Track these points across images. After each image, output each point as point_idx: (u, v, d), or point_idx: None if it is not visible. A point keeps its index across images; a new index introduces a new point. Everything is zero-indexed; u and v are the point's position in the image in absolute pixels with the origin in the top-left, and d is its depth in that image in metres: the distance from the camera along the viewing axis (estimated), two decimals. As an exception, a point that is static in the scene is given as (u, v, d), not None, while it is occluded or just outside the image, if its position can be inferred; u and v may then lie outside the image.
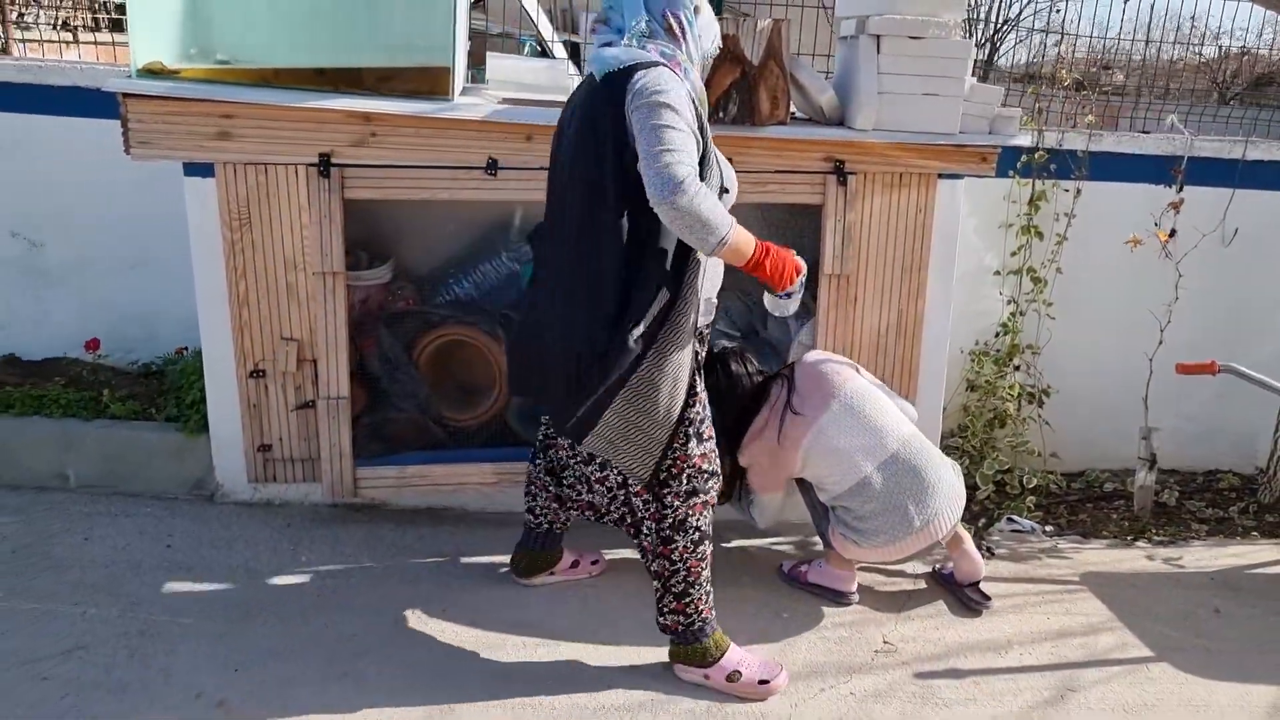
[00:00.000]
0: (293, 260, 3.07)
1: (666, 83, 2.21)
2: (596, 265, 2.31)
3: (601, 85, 2.28)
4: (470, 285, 3.58)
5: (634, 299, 2.30)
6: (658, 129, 2.15)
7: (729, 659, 2.56)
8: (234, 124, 2.93)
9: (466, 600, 2.87)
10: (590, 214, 2.31)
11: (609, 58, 2.28)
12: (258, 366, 3.14)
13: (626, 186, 2.24)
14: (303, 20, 3.09)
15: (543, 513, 2.90)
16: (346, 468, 3.18)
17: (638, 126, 2.18)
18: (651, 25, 2.31)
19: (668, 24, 2.33)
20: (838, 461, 2.86)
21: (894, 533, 2.84)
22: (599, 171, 2.27)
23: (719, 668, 2.55)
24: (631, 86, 2.21)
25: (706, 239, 2.17)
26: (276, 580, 2.90)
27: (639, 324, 2.29)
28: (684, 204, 2.10)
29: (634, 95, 2.19)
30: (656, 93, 2.18)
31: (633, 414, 2.35)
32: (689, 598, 2.54)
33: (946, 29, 3.12)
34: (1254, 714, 2.62)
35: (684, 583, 2.54)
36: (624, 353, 2.29)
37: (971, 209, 4.04)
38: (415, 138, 3.01)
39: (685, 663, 2.58)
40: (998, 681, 2.67)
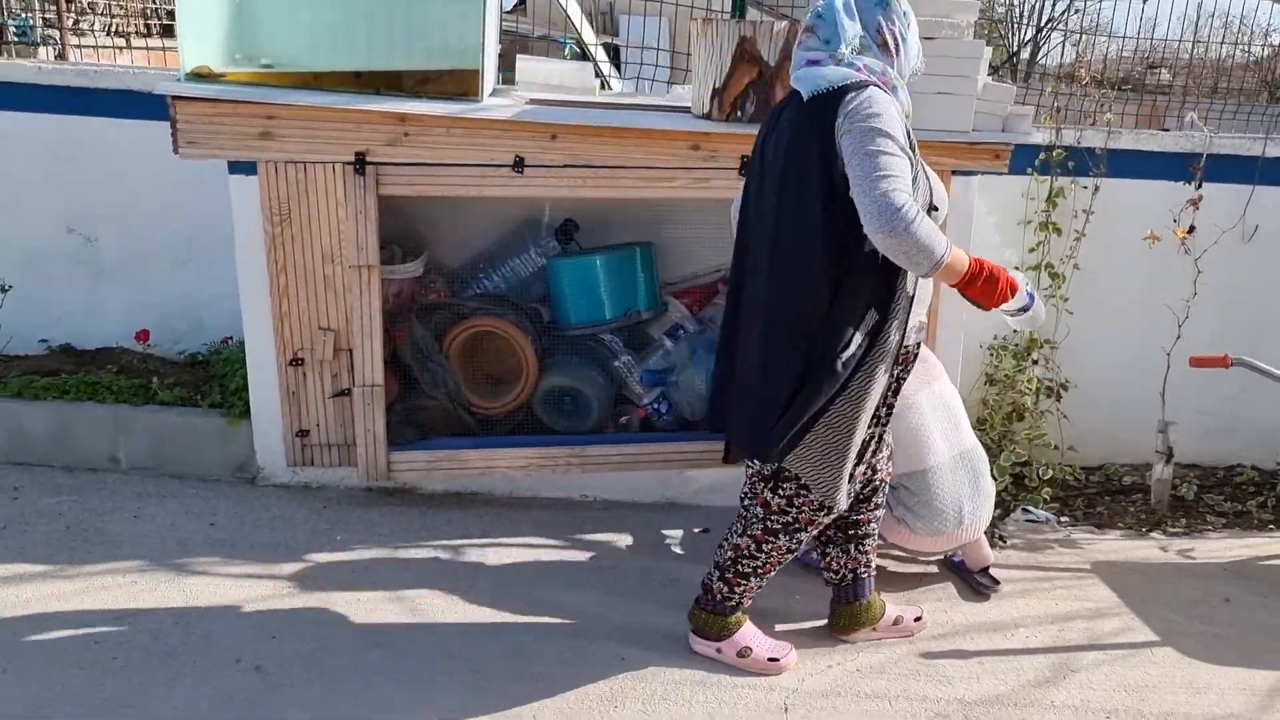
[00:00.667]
0: (330, 254, 3.23)
1: (880, 104, 2.16)
2: (805, 288, 2.28)
3: (810, 105, 2.23)
4: (500, 279, 3.73)
5: (842, 323, 2.27)
6: (872, 154, 2.10)
7: (742, 634, 2.67)
8: (276, 124, 3.09)
9: (490, 577, 3.01)
10: (799, 237, 2.27)
11: (817, 76, 2.23)
12: (297, 355, 3.30)
13: (836, 210, 2.20)
14: (341, 25, 3.24)
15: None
16: (380, 452, 3.33)
17: (850, 151, 2.13)
18: (864, 39, 2.27)
19: (881, 39, 2.28)
20: (914, 441, 2.94)
21: (944, 525, 2.95)
22: (808, 195, 2.23)
23: (731, 642, 2.66)
24: (843, 108, 2.16)
25: (922, 264, 2.13)
26: (313, 557, 3.06)
27: (847, 348, 2.26)
28: (901, 232, 2.06)
29: (846, 118, 2.15)
30: (871, 116, 2.13)
31: (831, 434, 2.34)
32: (746, 583, 2.62)
33: (959, 30, 3.20)
34: (1255, 696, 2.68)
35: (752, 570, 2.60)
36: (831, 377, 2.26)
37: (991, 206, 4.12)
38: (446, 137, 3.15)
39: (702, 633, 2.67)
40: (1001, 660, 2.76)
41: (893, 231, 2.07)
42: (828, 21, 2.27)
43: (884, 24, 2.28)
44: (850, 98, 2.17)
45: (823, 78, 2.22)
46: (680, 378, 3.52)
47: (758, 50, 3.12)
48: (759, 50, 3.12)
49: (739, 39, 3.10)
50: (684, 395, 3.52)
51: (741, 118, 3.17)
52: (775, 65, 3.13)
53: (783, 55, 3.14)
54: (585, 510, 3.52)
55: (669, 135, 3.19)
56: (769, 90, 3.15)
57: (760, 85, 3.14)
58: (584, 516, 3.46)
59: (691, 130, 3.19)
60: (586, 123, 3.15)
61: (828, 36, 2.27)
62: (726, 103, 3.15)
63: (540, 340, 3.51)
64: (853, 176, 2.13)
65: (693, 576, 3.07)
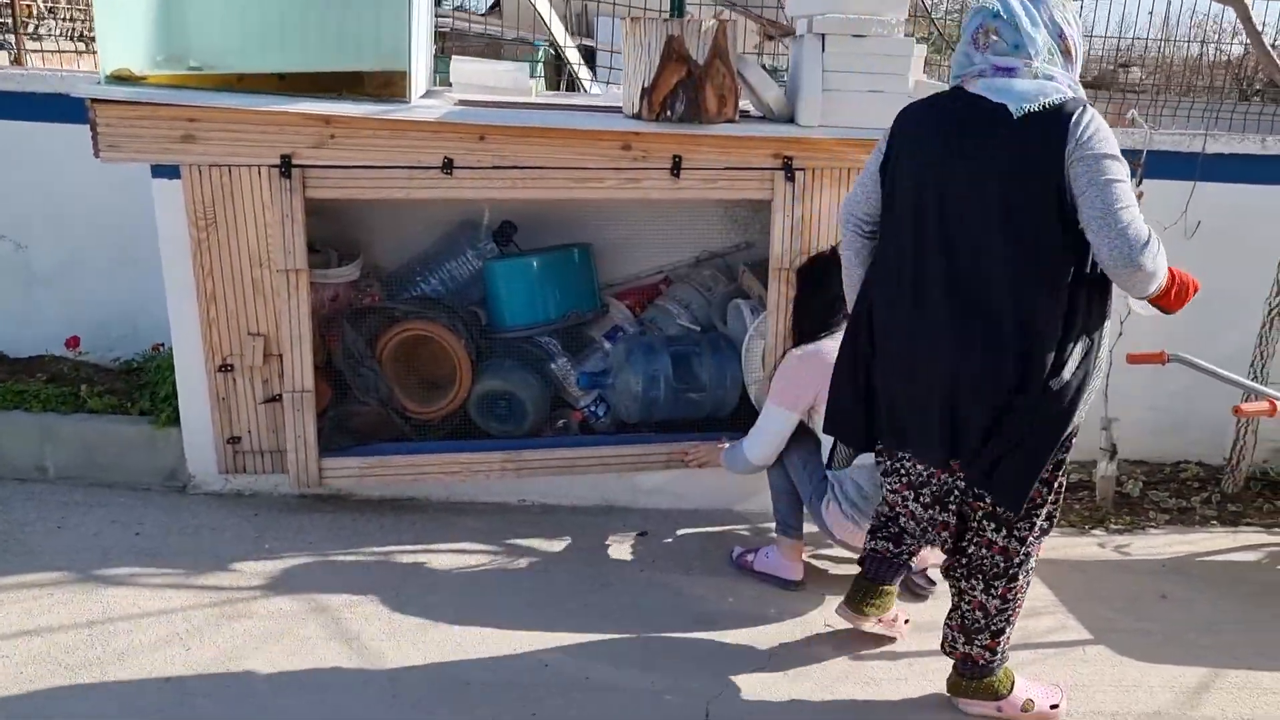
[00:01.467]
0: (257, 258, 3.18)
1: (1107, 129, 2.09)
2: (1030, 317, 2.15)
3: (1028, 124, 2.10)
4: (437, 282, 3.69)
5: (1072, 354, 2.19)
6: (1111, 185, 2.04)
7: (1018, 690, 2.52)
8: (198, 127, 3.04)
9: (418, 584, 2.97)
10: (1034, 263, 2.14)
11: (1022, 92, 2.12)
12: (226, 361, 3.25)
13: (1069, 235, 2.12)
14: (266, 26, 3.20)
15: (906, 547, 2.69)
16: (311, 459, 3.28)
17: (1086, 180, 2.05)
18: (1050, 46, 2.19)
19: (1064, 45, 2.20)
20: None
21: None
22: (1041, 218, 2.12)
23: (1011, 702, 2.51)
24: (1074, 134, 2.06)
25: (1152, 289, 2.13)
26: (239, 566, 3.01)
27: (1070, 370, 2.18)
28: (1148, 264, 2.04)
29: (1078, 145, 2.06)
30: (1104, 142, 2.06)
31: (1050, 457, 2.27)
32: (1004, 634, 2.47)
33: (889, 27, 3.19)
34: (1182, 693, 2.67)
35: (1006, 620, 2.45)
36: (1058, 401, 2.18)
37: (934, 204, 4.11)
38: (373, 139, 3.10)
39: (973, 697, 2.52)
40: (930, 662, 2.73)
41: (1140, 265, 2.04)
42: (1009, 24, 2.17)
43: (1065, 29, 2.20)
44: (1077, 120, 2.08)
45: (1033, 94, 2.12)
46: (618, 380, 3.49)
47: (686, 49, 3.09)
48: (687, 49, 3.09)
49: (667, 38, 3.07)
50: (621, 397, 3.49)
51: (671, 117, 3.14)
52: (704, 64, 3.11)
53: (711, 54, 3.11)
54: (522, 515, 3.48)
55: (598, 135, 3.16)
56: (698, 89, 3.12)
57: (689, 84, 3.11)
58: (520, 521, 3.43)
59: (621, 130, 3.16)
60: (514, 123, 3.12)
61: (1015, 41, 2.17)
62: (655, 102, 3.13)
63: (475, 343, 3.48)
64: (1091, 207, 2.05)
65: (625, 581, 3.06)
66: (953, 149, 2.21)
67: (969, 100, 2.20)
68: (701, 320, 3.76)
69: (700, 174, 3.23)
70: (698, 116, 3.15)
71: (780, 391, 3.01)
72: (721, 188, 3.26)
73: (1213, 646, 2.90)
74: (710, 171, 3.24)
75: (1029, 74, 2.15)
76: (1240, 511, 3.96)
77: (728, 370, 3.51)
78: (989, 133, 2.15)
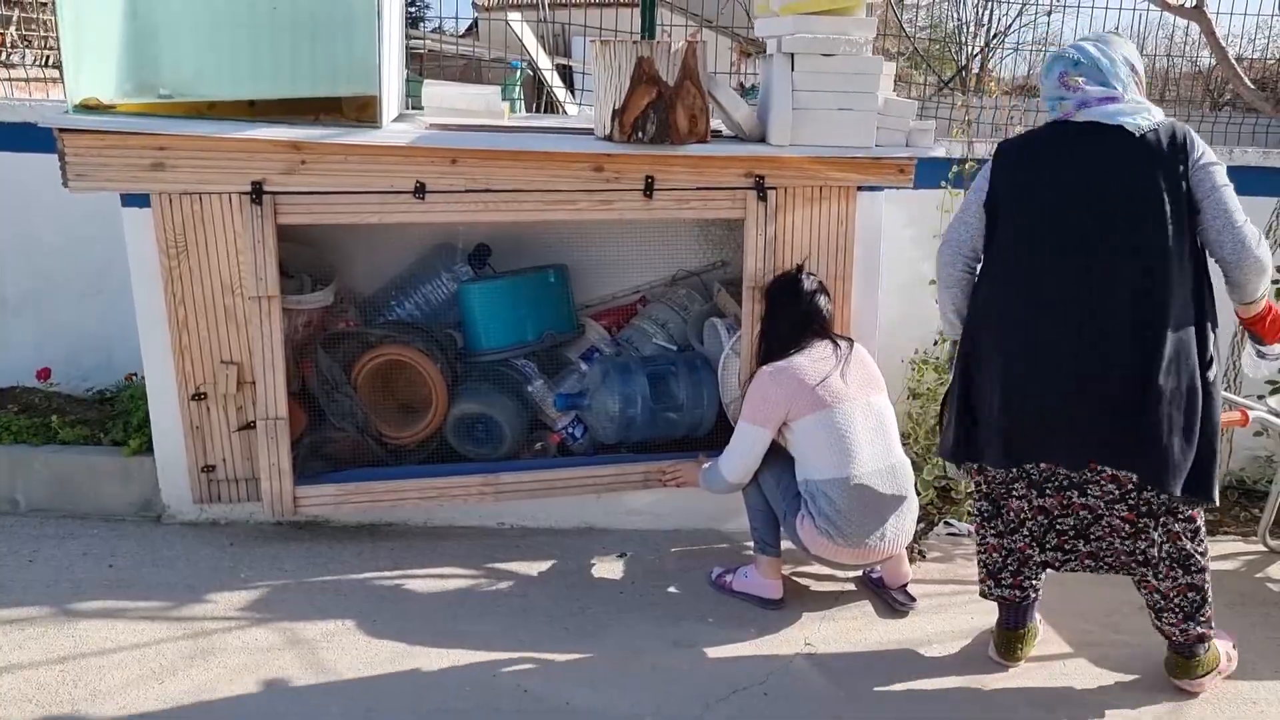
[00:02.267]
0: (229, 285, 3.17)
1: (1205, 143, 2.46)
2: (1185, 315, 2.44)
3: (1146, 142, 2.41)
4: (413, 306, 3.69)
5: (1209, 346, 2.50)
6: (1227, 189, 2.41)
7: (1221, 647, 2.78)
8: (168, 155, 3.03)
9: (395, 611, 2.95)
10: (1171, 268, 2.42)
11: (1133, 115, 2.44)
12: (199, 390, 3.23)
13: (1194, 243, 2.46)
14: (236, 54, 3.18)
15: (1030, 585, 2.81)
16: (286, 486, 3.25)
17: (1208, 187, 2.40)
18: (1130, 78, 2.53)
19: (1137, 76, 2.55)
20: (842, 448, 2.90)
21: (866, 538, 2.91)
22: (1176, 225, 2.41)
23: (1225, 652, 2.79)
24: (1190, 149, 2.41)
25: (1261, 289, 2.50)
26: (214, 596, 2.98)
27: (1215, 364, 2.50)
28: (1265, 256, 2.43)
29: (1196, 159, 2.41)
30: (1212, 155, 2.42)
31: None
32: (1211, 604, 2.66)
33: (857, 46, 3.21)
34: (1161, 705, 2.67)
35: (1209, 591, 2.65)
36: (1210, 396, 2.48)
37: (908, 220, 4.13)
38: (344, 164, 3.10)
39: (1206, 672, 2.72)
40: (913, 678, 2.73)
41: (1257, 258, 2.42)
42: (1091, 66, 2.51)
43: (1136, 64, 2.56)
44: (1189, 137, 2.43)
45: (1139, 115, 2.44)
46: (594, 401, 3.48)
47: (656, 71, 3.10)
48: (657, 71, 3.10)
49: (637, 60, 3.08)
50: (598, 418, 3.48)
51: (643, 138, 3.14)
52: (674, 85, 3.12)
53: (682, 75, 3.12)
54: (501, 538, 3.47)
55: (569, 158, 3.17)
56: (669, 110, 3.13)
57: (660, 105, 3.12)
58: (499, 545, 3.41)
59: (592, 152, 3.17)
60: (486, 147, 3.12)
61: (1101, 80, 2.51)
62: (627, 124, 3.13)
63: (451, 367, 3.47)
64: (1217, 209, 2.40)
65: (604, 603, 3.05)
66: (1085, 169, 2.48)
67: (1082, 128, 2.49)
68: (678, 339, 3.76)
69: (673, 194, 3.24)
70: (669, 137, 3.16)
71: (752, 409, 3.01)
72: (694, 207, 3.27)
73: (1191, 657, 2.91)
74: (683, 191, 3.25)
75: (1128, 101, 2.48)
76: (1218, 520, 3.98)
77: (705, 389, 3.51)
78: (1117, 151, 2.44)
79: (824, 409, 2.92)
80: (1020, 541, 2.74)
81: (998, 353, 2.59)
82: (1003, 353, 2.58)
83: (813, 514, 2.93)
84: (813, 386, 2.94)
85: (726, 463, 3.07)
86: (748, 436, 3.02)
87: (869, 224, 3.39)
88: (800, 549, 3.01)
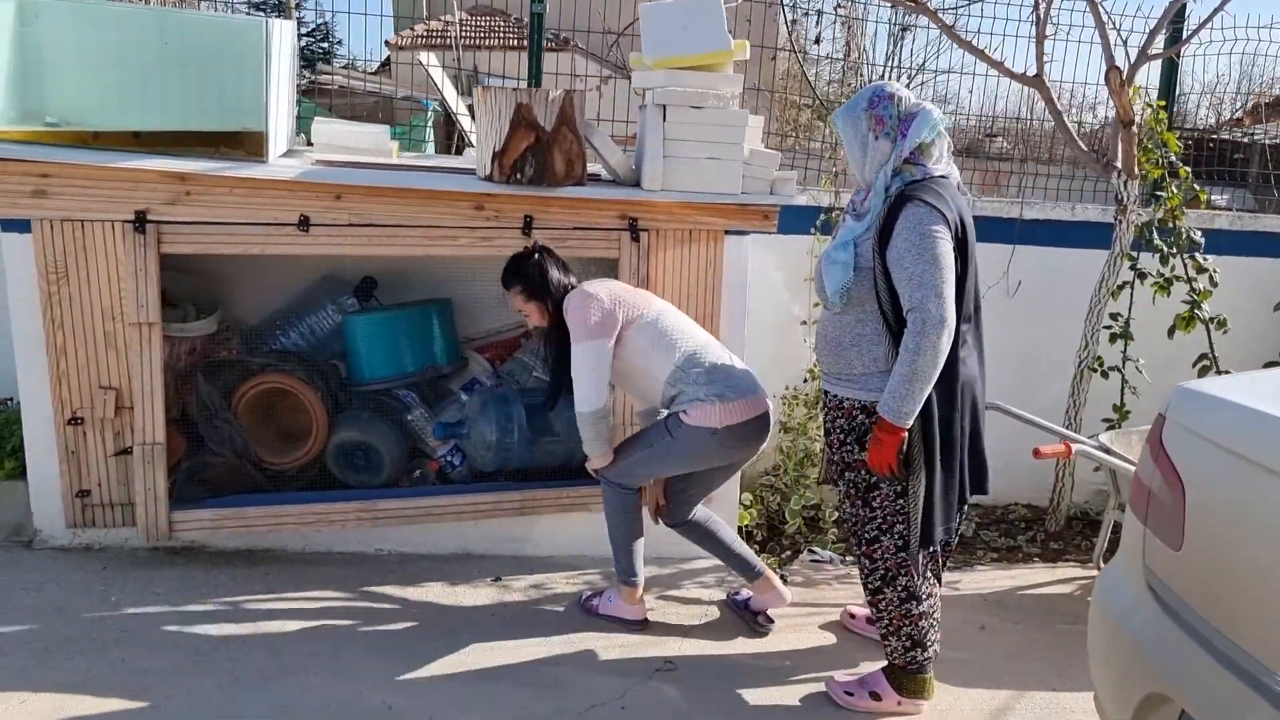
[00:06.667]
0: (110, 311, 3.21)
1: None
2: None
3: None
4: (297, 336, 3.76)
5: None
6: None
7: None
8: (50, 183, 3.08)
9: (265, 633, 3.00)
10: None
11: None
12: (76, 414, 3.25)
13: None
14: (125, 86, 3.26)
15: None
16: (161, 511, 3.28)
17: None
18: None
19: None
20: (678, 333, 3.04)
21: (754, 388, 3.03)
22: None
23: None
24: None
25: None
26: (84, 619, 2.99)
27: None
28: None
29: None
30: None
31: None
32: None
33: (724, 100, 3.44)
34: (987, 715, 2.89)
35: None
36: None
37: (779, 263, 4.38)
38: (230, 196, 3.19)
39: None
40: (756, 693, 2.89)
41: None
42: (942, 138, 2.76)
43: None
44: None
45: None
46: (473, 429, 3.60)
47: (535, 116, 3.28)
48: (535, 117, 3.28)
49: (516, 105, 3.26)
50: (476, 447, 3.60)
51: (521, 179, 3.31)
52: (552, 130, 3.30)
53: (559, 121, 3.31)
54: (378, 564, 3.54)
55: (451, 196, 3.32)
56: (547, 154, 3.31)
57: (538, 149, 3.30)
58: (375, 570, 3.49)
59: (473, 191, 3.32)
60: (369, 183, 3.25)
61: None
62: (506, 165, 3.30)
63: (332, 395, 3.55)
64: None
65: (474, 625, 3.15)
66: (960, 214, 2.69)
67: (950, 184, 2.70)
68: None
69: (551, 233, 3.40)
70: (547, 179, 3.33)
71: (583, 328, 2.95)
72: (571, 246, 3.44)
73: (1021, 672, 3.14)
74: (560, 231, 3.42)
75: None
76: (1061, 549, 4.28)
77: (581, 420, 3.65)
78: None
79: (643, 312, 3.03)
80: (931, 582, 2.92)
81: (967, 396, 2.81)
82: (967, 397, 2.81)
83: (694, 399, 2.96)
84: (621, 297, 3.04)
85: (579, 398, 2.98)
86: (587, 355, 2.95)
87: (736, 265, 3.61)
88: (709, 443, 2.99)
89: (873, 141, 2.68)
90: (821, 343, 2.85)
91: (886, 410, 2.58)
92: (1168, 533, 2.03)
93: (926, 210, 2.56)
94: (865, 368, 2.70)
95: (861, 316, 2.69)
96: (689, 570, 3.68)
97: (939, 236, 2.55)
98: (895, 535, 2.77)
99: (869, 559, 2.82)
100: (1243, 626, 1.80)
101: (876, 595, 2.83)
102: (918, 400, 2.57)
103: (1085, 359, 4.24)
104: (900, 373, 2.55)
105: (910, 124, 2.64)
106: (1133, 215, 4.10)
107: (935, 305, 2.51)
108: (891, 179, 2.65)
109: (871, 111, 2.68)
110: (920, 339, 2.52)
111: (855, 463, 2.77)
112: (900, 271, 2.57)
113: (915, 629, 2.82)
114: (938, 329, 2.51)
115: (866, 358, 2.69)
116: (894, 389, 2.57)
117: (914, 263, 2.54)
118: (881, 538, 2.78)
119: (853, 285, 2.66)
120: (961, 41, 4.18)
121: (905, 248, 2.56)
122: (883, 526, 2.77)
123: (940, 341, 2.53)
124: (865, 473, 2.74)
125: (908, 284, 2.55)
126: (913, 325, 2.54)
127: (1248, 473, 1.83)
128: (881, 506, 2.77)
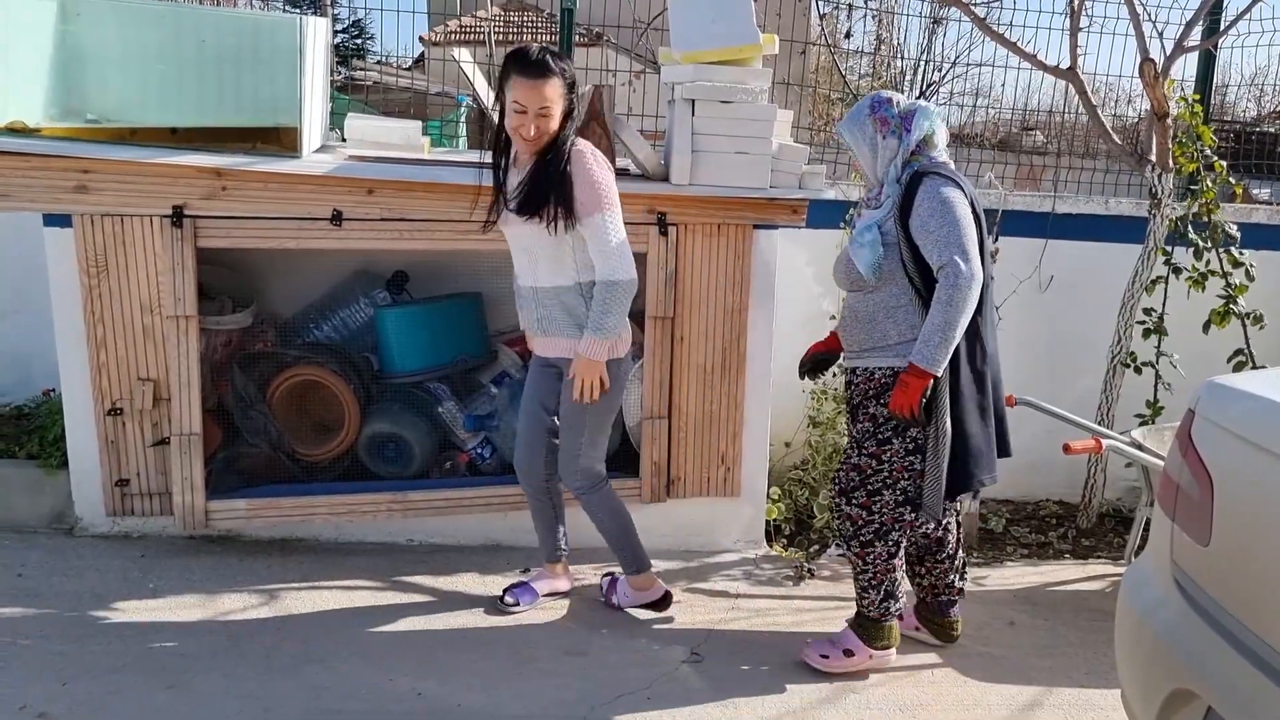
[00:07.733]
0: (149, 305, 3.28)
1: None
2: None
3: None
4: (330, 329, 3.82)
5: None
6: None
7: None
8: (91, 178, 3.15)
9: (300, 621, 3.06)
10: None
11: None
12: (115, 405, 3.33)
13: None
14: (163, 83, 3.33)
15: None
16: (198, 500, 3.35)
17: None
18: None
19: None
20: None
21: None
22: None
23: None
24: None
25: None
26: (122, 605, 3.07)
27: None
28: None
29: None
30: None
31: None
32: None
33: (753, 95, 3.44)
34: (1015, 710, 2.88)
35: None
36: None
37: (809, 257, 4.38)
38: (264, 191, 3.25)
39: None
40: (790, 684, 2.91)
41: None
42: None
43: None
44: None
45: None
46: (502, 422, 3.64)
47: (564, 111, 3.29)
48: (565, 111, 3.29)
49: (545, 101, 3.27)
50: (506, 439, 3.64)
51: (551, 174, 3.33)
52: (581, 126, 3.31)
53: (589, 116, 3.33)
54: (409, 554, 3.59)
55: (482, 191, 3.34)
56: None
57: (567, 144, 3.31)
58: (406, 560, 3.53)
59: (503, 186, 3.34)
60: (401, 178, 3.29)
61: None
62: (533, 161, 3.31)
63: (365, 387, 3.60)
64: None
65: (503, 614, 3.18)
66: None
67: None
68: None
69: (579, 227, 3.42)
70: (576, 174, 3.34)
71: (609, 192, 2.88)
72: (600, 241, 3.45)
73: (1049, 668, 3.13)
74: (589, 225, 3.43)
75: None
76: (1093, 546, 4.24)
77: (609, 413, 3.67)
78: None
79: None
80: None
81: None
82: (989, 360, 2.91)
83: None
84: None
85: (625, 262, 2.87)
86: (620, 220, 2.91)
87: (764, 260, 3.61)
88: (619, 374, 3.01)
89: (880, 141, 2.85)
90: (851, 322, 2.95)
91: (919, 357, 2.70)
92: (1196, 528, 2.01)
93: (943, 180, 2.77)
94: (901, 335, 2.82)
95: (893, 290, 2.83)
96: (714, 564, 3.70)
97: (958, 201, 2.74)
98: (898, 491, 2.87)
99: (866, 510, 2.90)
100: (1270, 623, 1.79)
101: (866, 548, 2.92)
102: (948, 349, 2.70)
103: (1118, 354, 4.20)
104: (933, 322, 2.69)
105: (911, 120, 2.83)
106: (1167, 209, 4.06)
107: (964, 260, 2.67)
108: (902, 170, 2.84)
109: (875, 115, 2.85)
110: (952, 291, 2.66)
111: (872, 413, 2.88)
112: (925, 237, 2.73)
113: (891, 581, 2.95)
114: (969, 281, 2.66)
115: (903, 325, 2.82)
116: (927, 337, 2.70)
117: (938, 226, 2.70)
118: (884, 491, 2.88)
119: (884, 259, 2.80)
120: (994, 34, 4.16)
121: (928, 214, 2.72)
122: (888, 481, 2.88)
123: (970, 293, 2.68)
124: (882, 423, 2.85)
125: (934, 246, 2.71)
126: (944, 280, 2.68)
127: (1277, 468, 1.82)
128: (890, 461, 2.86)
